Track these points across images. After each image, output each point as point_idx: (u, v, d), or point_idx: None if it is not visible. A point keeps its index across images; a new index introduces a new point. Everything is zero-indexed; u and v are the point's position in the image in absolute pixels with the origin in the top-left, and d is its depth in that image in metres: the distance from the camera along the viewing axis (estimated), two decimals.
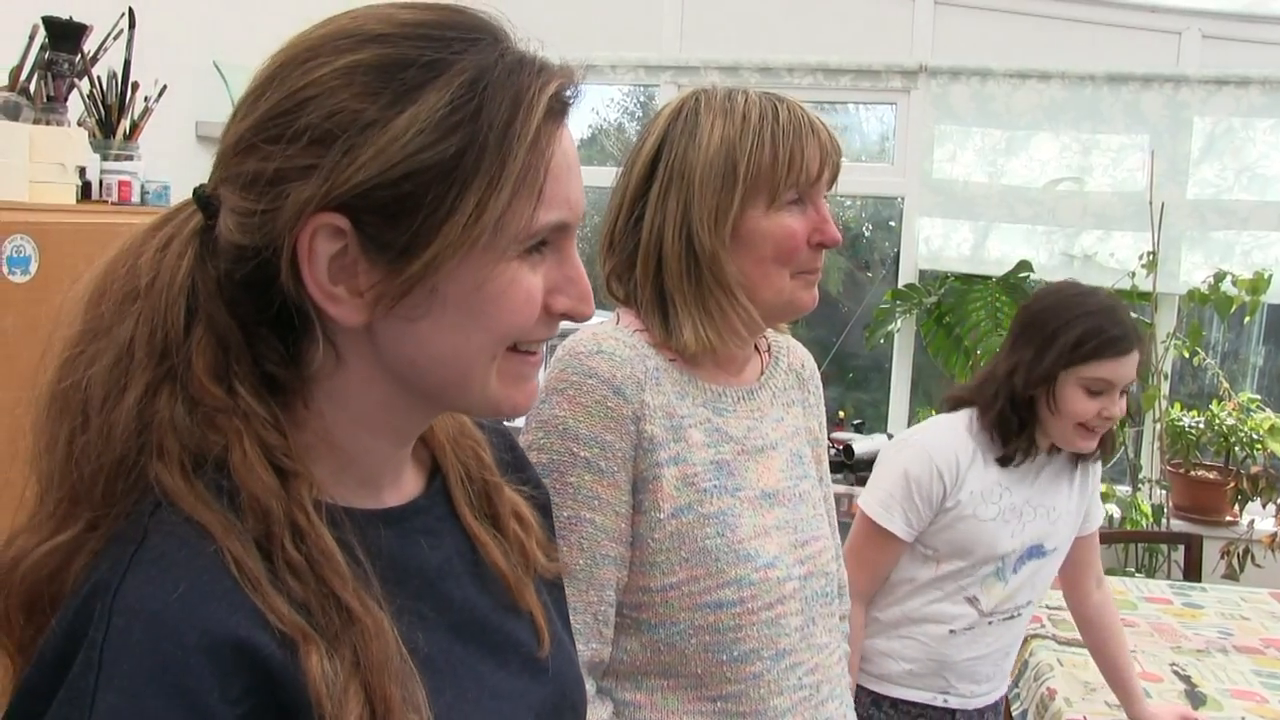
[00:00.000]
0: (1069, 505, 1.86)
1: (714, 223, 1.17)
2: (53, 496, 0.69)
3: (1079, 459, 1.86)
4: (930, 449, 1.80)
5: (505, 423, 0.93)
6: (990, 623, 1.82)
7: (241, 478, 0.66)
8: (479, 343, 0.70)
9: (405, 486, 0.79)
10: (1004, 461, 1.79)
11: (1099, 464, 1.93)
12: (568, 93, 0.71)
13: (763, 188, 1.18)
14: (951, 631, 1.82)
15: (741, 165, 1.17)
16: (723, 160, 1.17)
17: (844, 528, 1.38)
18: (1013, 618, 1.85)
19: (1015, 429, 1.77)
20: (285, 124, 0.66)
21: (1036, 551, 1.83)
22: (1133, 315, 1.76)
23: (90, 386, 0.68)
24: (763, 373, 1.31)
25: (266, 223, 0.66)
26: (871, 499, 1.82)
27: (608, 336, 1.18)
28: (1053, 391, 1.74)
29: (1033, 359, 1.75)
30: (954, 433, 1.83)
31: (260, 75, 0.70)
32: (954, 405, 1.88)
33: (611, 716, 1.16)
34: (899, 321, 3.81)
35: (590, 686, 1.14)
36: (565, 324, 0.77)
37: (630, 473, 1.14)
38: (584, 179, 0.74)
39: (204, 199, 0.70)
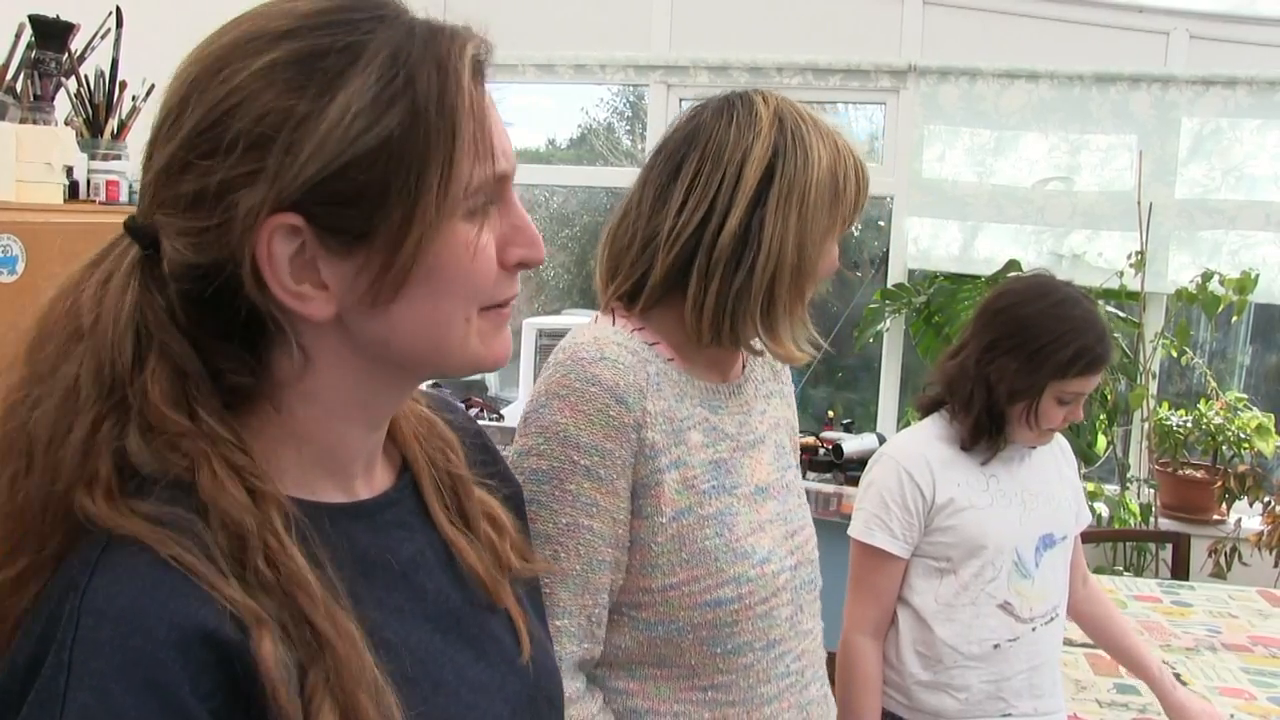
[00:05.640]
0: (1064, 493, 1.85)
1: (821, 241, 1.20)
2: None
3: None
4: (895, 456, 1.79)
5: (501, 420, 0.93)
6: (1034, 629, 1.75)
7: (212, 497, 0.65)
8: (448, 310, 0.70)
9: (376, 480, 0.79)
10: (966, 449, 1.78)
11: (1073, 459, 1.93)
12: (482, 53, 0.71)
13: (842, 221, 1.23)
14: (996, 646, 1.73)
15: (841, 194, 1.21)
16: (829, 184, 1.20)
17: (834, 525, 1.38)
18: (1051, 619, 1.79)
19: (989, 432, 1.75)
20: (216, 136, 0.65)
21: (1049, 540, 1.79)
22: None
23: (35, 429, 0.67)
24: (744, 368, 1.32)
25: (221, 236, 0.65)
26: (855, 521, 1.78)
27: (609, 341, 1.17)
28: (1036, 404, 1.72)
29: (1019, 371, 1.71)
30: (920, 435, 1.83)
31: (173, 94, 0.68)
32: (929, 408, 1.86)
33: (602, 708, 1.15)
34: (888, 321, 3.81)
35: (580, 682, 1.14)
36: (564, 321, 0.77)
37: (629, 480, 1.14)
38: (575, 178, 0.74)
39: (138, 229, 0.69)
